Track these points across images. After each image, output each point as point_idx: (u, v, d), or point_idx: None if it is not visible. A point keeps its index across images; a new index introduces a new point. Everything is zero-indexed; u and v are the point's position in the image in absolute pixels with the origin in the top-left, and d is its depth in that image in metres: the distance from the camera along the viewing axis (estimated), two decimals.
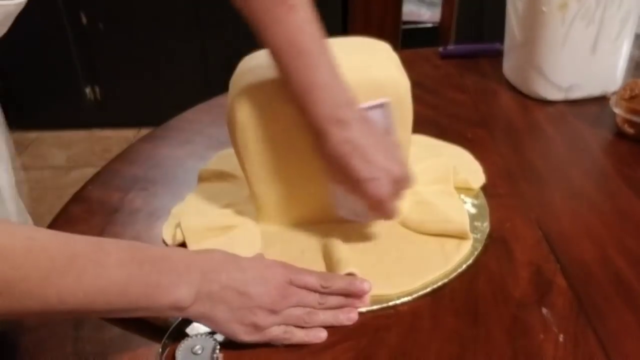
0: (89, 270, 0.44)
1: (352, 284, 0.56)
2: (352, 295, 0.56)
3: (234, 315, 0.50)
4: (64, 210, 0.73)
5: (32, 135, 2.35)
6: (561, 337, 0.52)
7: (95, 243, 0.46)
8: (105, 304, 0.45)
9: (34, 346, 0.55)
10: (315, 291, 0.55)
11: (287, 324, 0.53)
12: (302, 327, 0.54)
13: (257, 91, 0.59)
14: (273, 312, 0.52)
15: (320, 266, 0.61)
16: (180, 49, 2.22)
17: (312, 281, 0.54)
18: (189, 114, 0.96)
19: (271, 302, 0.51)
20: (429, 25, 2.02)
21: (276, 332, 0.52)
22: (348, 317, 0.55)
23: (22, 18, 0.57)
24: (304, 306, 0.54)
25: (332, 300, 0.56)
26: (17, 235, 0.42)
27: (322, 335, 0.54)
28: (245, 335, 0.52)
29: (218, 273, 0.50)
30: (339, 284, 0.56)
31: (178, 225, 0.65)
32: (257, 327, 0.51)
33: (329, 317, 0.55)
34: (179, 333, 0.54)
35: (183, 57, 2.24)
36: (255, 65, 0.62)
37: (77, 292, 0.43)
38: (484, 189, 0.72)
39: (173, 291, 0.48)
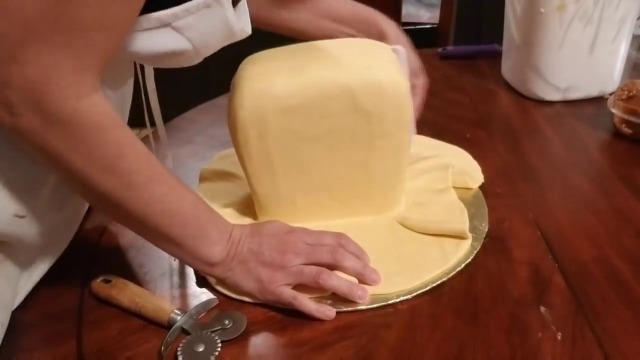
0: (174, 195, 0.54)
1: (365, 268, 0.58)
2: (362, 279, 0.58)
3: (249, 273, 0.57)
4: None
5: None
6: (559, 336, 0.52)
7: (183, 184, 0.56)
8: (168, 225, 0.54)
9: (36, 344, 0.55)
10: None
11: (300, 283, 0.56)
12: (316, 291, 0.57)
13: (257, 92, 0.59)
14: (282, 267, 0.56)
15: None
16: None
17: (329, 240, 0.59)
18: (191, 114, 0.97)
19: (281, 257, 0.56)
20: (428, 26, 2.02)
21: (287, 294, 0.56)
22: (361, 294, 0.56)
23: None
24: (317, 264, 0.57)
25: (348, 258, 0.58)
26: (142, 150, 0.53)
27: (330, 313, 0.55)
28: (259, 293, 0.57)
29: (243, 241, 0.58)
30: (352, 248, 0.60)
31: None
32: (269, 283, 0.56)
33: (343, 284, 0.56)
34: (180, 331, 0.54)
35: None
36: (257, 66, 0.62)
37: (158, 203, 0.53)
38: (483, 188, 0.73)
39: (212, 246, 0.56)
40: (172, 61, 0.55)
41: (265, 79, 0.60)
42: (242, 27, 0.55)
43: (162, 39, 0.51)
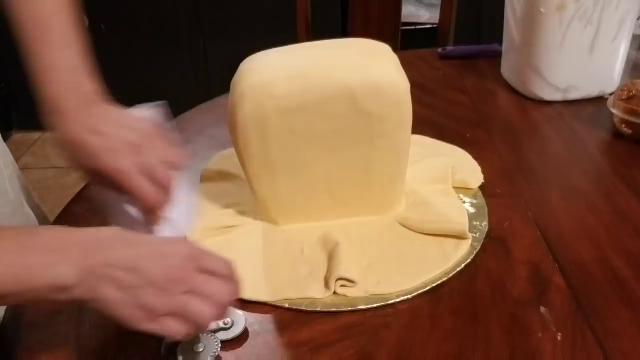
0: None
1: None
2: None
3: (124, 296, 0.44)
4: (67, 209, 0.73)
5: (35, 135, 2.35)
6: (559, 336, 0.52)
7: None
8: None
9: (35, 345, 0.55)
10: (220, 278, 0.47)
11: (179, 314, 0.45)
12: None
13: (258, 92, 0.59)
14: (164, 291, 0.45)
15: (320, 265, 0.61)
16: (181, 49, 2.23)
17: (220, 266, 0.48)
18: (191, 114, 0.97)
19: (164, 279, 0.45)
20: (428, 26, 2.02)
21: (173, 328, 0.45)
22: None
23: None
24: (200, 294, 0.46)
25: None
26: None
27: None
28: (138, 323, 0.45)
29: (104, 250, 0.46)
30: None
31: None
32: (151, 312, 0.44)
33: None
34: None
35: (184, 57, 2.25)
36: (257, 66, 0.62)
37: None
38: (483, 188, 0.72)
39: (47, 271, 0.44)
40: None
41: (265, 79, 0.60)
42: None
43: None
